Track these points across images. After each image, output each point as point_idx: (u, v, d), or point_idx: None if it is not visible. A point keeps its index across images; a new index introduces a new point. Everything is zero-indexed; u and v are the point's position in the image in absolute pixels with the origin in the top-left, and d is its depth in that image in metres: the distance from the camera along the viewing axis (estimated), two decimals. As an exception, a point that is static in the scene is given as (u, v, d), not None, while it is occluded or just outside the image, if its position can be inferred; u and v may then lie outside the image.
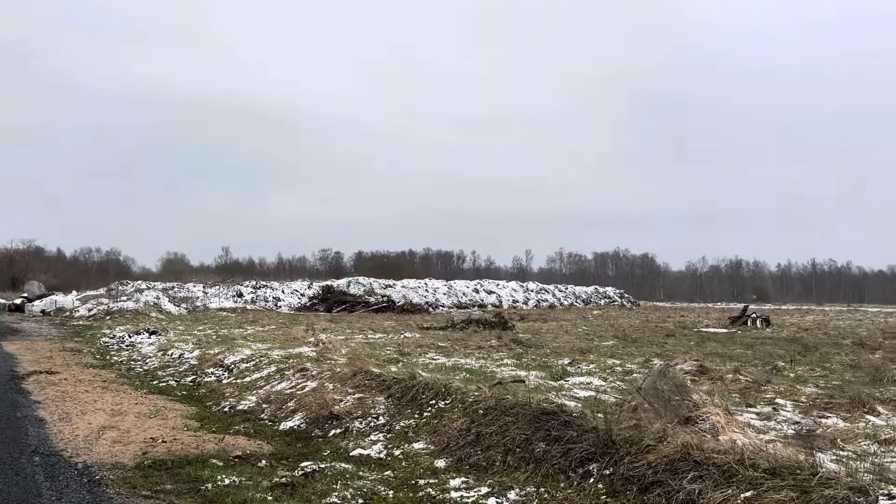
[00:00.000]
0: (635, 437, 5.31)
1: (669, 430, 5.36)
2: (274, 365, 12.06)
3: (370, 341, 17.91)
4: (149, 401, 10.07)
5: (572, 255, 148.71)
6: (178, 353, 16.06)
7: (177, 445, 7.12)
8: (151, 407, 9.47)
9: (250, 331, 21.98)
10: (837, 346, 17.77)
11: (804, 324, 33.69)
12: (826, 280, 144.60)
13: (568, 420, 5.90)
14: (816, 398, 8.83)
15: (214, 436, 7.68)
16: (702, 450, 4.76)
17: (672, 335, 22.71)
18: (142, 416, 8.75)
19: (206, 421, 8.73)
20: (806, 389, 9.65)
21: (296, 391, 9.77)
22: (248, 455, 6.84)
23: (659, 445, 5.06)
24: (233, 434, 7.91)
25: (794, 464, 4.31)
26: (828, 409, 8.10)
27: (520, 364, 12.69)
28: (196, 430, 8.09)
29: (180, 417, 8.85)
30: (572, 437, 5.63)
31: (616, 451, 5.22)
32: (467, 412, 7.02)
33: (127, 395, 10.59)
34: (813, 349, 16.39)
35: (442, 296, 57.08)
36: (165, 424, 8.26)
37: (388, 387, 8.69)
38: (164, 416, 8.83)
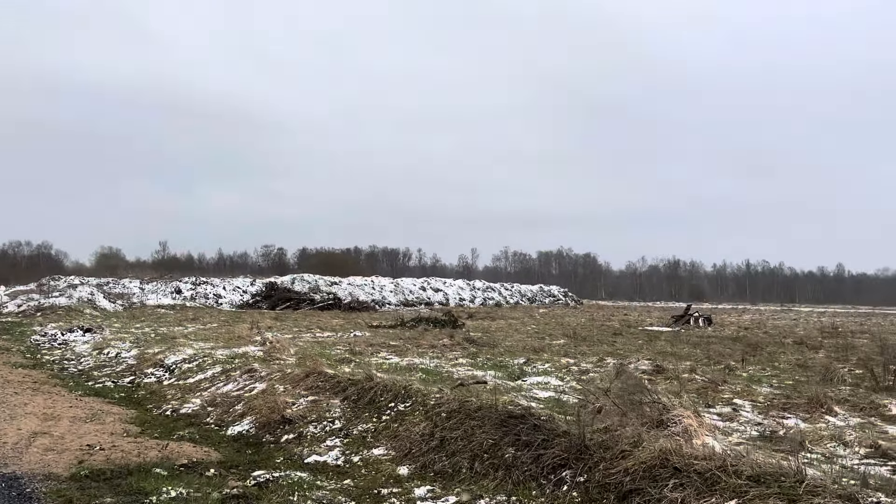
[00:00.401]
0: (609, 442, 5.11)
1: (644, 434, 5.18)
2: (219, 365, 11.52)
3: (319, 340, 17.43)
4: (84, 404, 9.44)
5: (517, 254, 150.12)
6: (115, 352, 15.28)
7: (116, 453, 6.61)
8: (87, 410, 8.86)
9: (191, 329, 21.19)
10: (780, 346, 18.17)
11: (743, 323, 34.59)
12: (759, 280, 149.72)
13: (537, 424, 5.67)
14: (773, 398, 8.86)
15: (157, 442, 7.18)
16: (681, 456, 4.58)
17: (619, 334, 22.90)
18: (77, 420, 8.16)
19: (147, 425, 8.20)
20: (761, 389, 9.70)
21: (244, 393, 9.30)
22: (194, 463, 6.39)
23: (635, 451, 4.87)
24: (177, 440, 7.43)
25: (778, 470, 4.16)
26: (786, 409, 8.12)
27: (475, 364, 12.46)
28: (137, 435, 7.57)
29: (119, 422, 8.29)
30: (543, 441, 5.40)
31: (590, 457, 5.01)
32: (429, 415, 6.73)
33: (60, 397, 9.92)
34: (759, 348, 16.68)
35: (389, 293, 56.67)
36: (103, 429, 7.71)
37: (343, 389, 8.33)
38: (102, 420, 8.26)
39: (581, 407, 7.52)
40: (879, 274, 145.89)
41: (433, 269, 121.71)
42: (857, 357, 14.91)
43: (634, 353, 14.90)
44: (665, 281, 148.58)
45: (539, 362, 12.69)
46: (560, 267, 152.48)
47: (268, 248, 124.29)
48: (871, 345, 19.46)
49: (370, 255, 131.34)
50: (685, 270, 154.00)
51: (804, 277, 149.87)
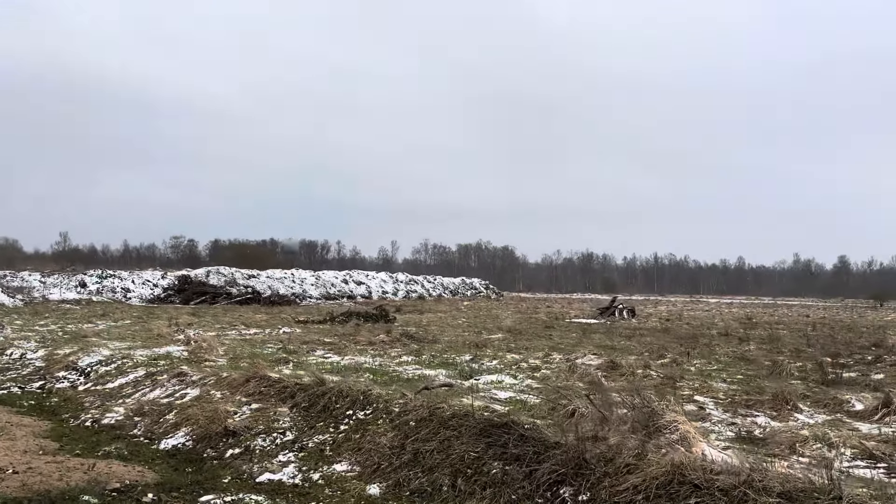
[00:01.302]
0: (608, 454, 4.67)
1: (635, 443, 4.78)
2: (141, 368, 10.50)
3: (245, 338, 16.43)
4: (-13, 416, 8.31)
5: (437, 247, 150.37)
6: (20, 352, 13.85)
7: (33, 477, 5.69)
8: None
9: (102, 326, 19.66)
10: (709, 338, 18.49)
11: (661, 314, 35.49)
12: (666, 272, 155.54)
13: (524, 434, 5.18)
14: (734, 395, 8.72)
15: (80, 461, 6.27)
16: (697, 469, 4.19)
17: (551, 327, 22.86)
18: (-20, 437, 7.11)
19: (65, 440, 7.23)
20: (717, 385, 9.59)
21: (175, 401, 8.40)
22: (128, 487, 5.56)
23: (640, 464, 4.46)
24: (103, 457, 6.53)
25: (809, 486, 3.82)
26: (750, 406, 7.97)
27: (420, 361, 11.90)
28: (55, 452, 6.61)
29: (32, 436, 7.28)
30: (534, 454, 4.91)
31: (591, 472, 4.56)
32: (396, 425, 6.13)
33: (-43, 408, 8.72)
34: (693, 341, 16.87)
35: (310, 286, 55.30)
36: (14, 447, 6.71)
37: (291, 395, 7.60)
38: (11, 434, 7.23)
39: (550, 410, 7.11)
40: (777, 266, 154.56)
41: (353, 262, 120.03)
42: (787, 349, 15.25)
43: (575, 347, 14.72)
44: (579, 273, 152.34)
45: (486, 359, 12.26)
46: (479, 259, 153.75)
47: (177, 240, 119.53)
48: (792, 335, 20.14)
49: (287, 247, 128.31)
50: (598, 263, 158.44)
51: (708, 270, 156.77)
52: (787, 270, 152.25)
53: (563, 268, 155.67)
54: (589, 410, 6.55)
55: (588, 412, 6.50)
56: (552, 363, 11.92)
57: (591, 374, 10.06)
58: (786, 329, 23.54)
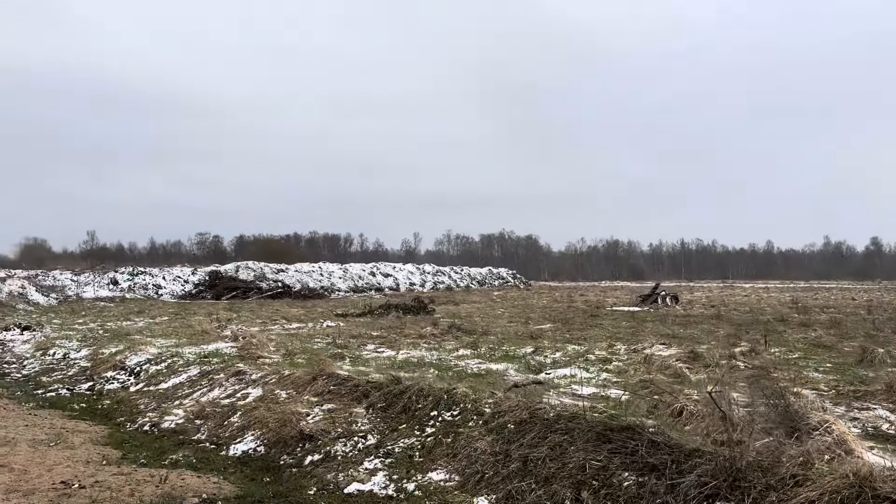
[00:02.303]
0: (763, 463, 4.04)
1: (803, 450, 4.14)
2: (194, 367, 10.03)
3: (291, 333, 15.96)
4: (41, 420, 7.88)
5: (459, 237, 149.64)
6: (62, 352, 13.51)
7: (102, 492, 5.19)
8: (48, 429, 7.33)
9: (141, 324, 19.33)
10: (764, 323, 17.70)
11: (701, 300, 34.54)
12: (693, 258, 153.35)
13: (654, 439, 4.56)
14: (836, 386, 8.03)
15: (149, 472, 5.77)
16: (887, 481, 3.55)
17: (596, 316, 22.18)
18: (38, 444, 6.64)
19: (126, 447, 6.75)
20: (811, 375, 8.89)
21: (237, 401, 7.91)
22: (206, 502, 5.04)
23: (809, 474, 3.82)
24: (171, 466, 6.03)
25: None
26: (862, 398, 7.28)
27: (480, 355, 11.32)
28: (119, 462, 6.13)
29: (91, 444, 6.82)
30: (671, 463, 4.30)
31: (749, 485, 3.93)
32: (492, 428, 5.55)
33: (9, 412, 8.30)
34: (751, 327, 16.10)
35: (338, 279, 55.06)
36: (74, 456, 6.24)
37: (364, 394, 7.05)
38: (69, 442, 6.76)
39: (652, 408, 6.49)
40: (806, 249, 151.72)
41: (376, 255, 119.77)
42: (857, 334, 14.45)
43: (635, 336, 14.05)
44: (604, 261, 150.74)
45: (547, 351, 11.65)
46: (503, 249, 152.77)
47: (203, 236, 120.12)
48: (851, 319, 19.26)
49: (311, 241, 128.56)
50: (623, 250, 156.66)
51: (736, 254, 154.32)
52: (818, 253, 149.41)
53: (588, 256, 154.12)
54: (699, 409, 5.93)
55: (698, 411, 5.88)
56: (619, 354, 11.28)
57: (671, 366, 9.40)
58: (838, 313, 22.60)
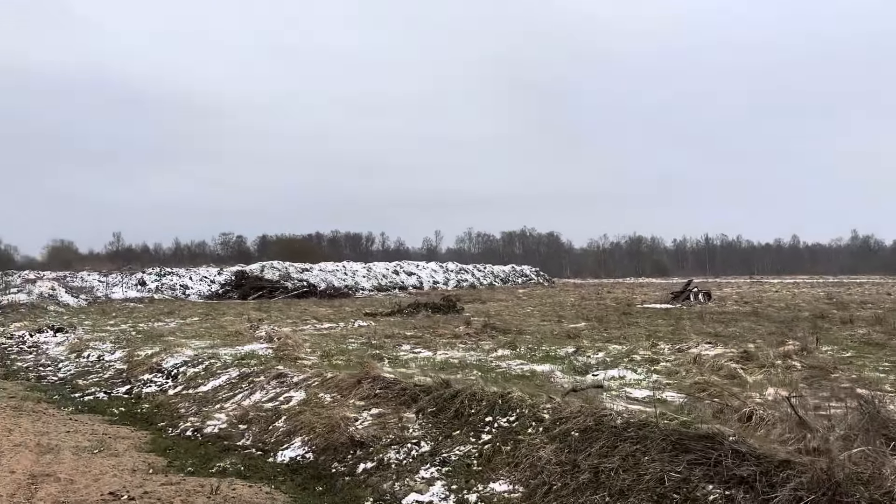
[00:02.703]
0: (868, 475, 3.74)
1: None
2: (233, 369, 9.87)
3: (323, 333, 15.81)
4: (82, 425, 7.75)
5: (480, 235, 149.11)
6: (97, 354, 13.46)
7: (152, 503, 5.01)
8: (90, 435, 7.19)
9: (172, 325, 19.32)
10: (804, 320, 17.22)
11: (733, 296, 33.92)
12: (718, 253, 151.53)
13: (738, 448, 4.27)
14: (905, 387, 7.65)
15: (198, 481, 5.59)
16: None
17: (629, 313, 21.79)
18: (82, 451, 6.50)
19: (171, 454, 6.58)
20: (873, 375, 8.51)
21: (280, 405, 7.72)
22: (260, 512, 4.84)
23: (919, 489, 3.51)
24: (219, 474, 5.85)
25: None
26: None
27: (520, 355, 11.06)
28: (165, 471, 5.95)
29: (135, 450, 6.66)
30: (760, 475, 4.01)
31: (850, 499, 3.63)
32: (554, 435, 5.29)
33: (49, 417, 8.20)
34: (793, 325, 15.65)
35: (361, 278, 55.06)
36: (120, 464, 6.07)
37: (412, 398, 6.82)
38: (113, 449, 6.61)
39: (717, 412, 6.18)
40: (833, 244, 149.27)
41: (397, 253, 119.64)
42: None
43: (676, 335, 13.70)
44: (627, 257, 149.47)
45: (589, 351, 11.35)
46: (524, 246, 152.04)
47: (226, 236, 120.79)
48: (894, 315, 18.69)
49: (332, 240, 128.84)
50: (646, 246, 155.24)
51: (761, 249, 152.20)
52: (845, 247, 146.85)
53: (611, 252, 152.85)
54: (769, 413, 5.62)
55: (769, 415, 5.57)
56: (665, 354, 10.95)
57: (723, 367, 9.07)
58: (878, 308, 21.99)
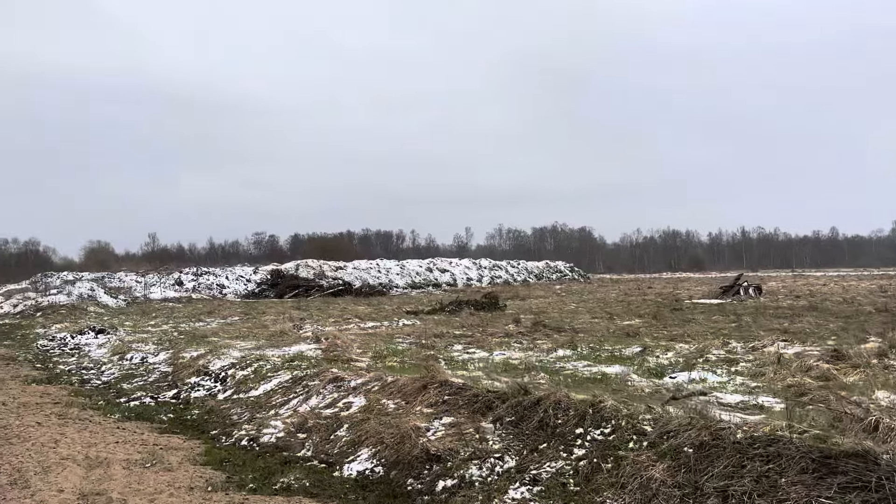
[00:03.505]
0: None
1: None
2: (284, 372, 9.39)
3: (368, 332, 15.32)
4: (130, 434, 7.31)
5: (511, 231, 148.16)
6: (140, 356, 13.14)
7: (216, 528, 4.50)
8: (140, 446, 6.74)
9: (214, 325, 19.01)
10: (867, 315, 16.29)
11: (782, 290, 32.75)
12: (754, 247, 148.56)
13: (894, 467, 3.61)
14: None
15: (262, 499, 5.08)
16: None
17: (680, 309, 20.99)
18: (134, 465, 6.04)
19: (228, 467, 6.08)
20: None
21: (340, 412, 7.20)
22: (337, 539, 4.30)
23: None
24: (284, 492, 5.33)
25: None
26: None
27: (583, 355, 10.41)
28: (226, 488, 5.45)
29: (189, 463, 6.18)
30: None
31: None
32: (662, 452, 4.66)
33: (96, 425, 7.78)
34: (862, 319, 14.76)
35: (395, 276, 54.77)
36: (175, 481, 5.59)
37: (487, 406, 6.24)
38: (167, 462, 6.14)
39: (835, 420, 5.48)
40: (873, 235, 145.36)
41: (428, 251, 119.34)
42: None
43: (741, 332, 12.94)
44: (662, 252, 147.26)
45: (657, 350, 10.67)
46: (555, 242, 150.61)
47: (259, 236, 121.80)
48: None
49: (364, 238, 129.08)
50: (681, 240, 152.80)
51: (799, 242, 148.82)
52: (885, 239, 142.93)
53: (645, 247, 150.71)
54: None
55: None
56: (738, 354, 10.22)
57: (812, 367, 8.33)
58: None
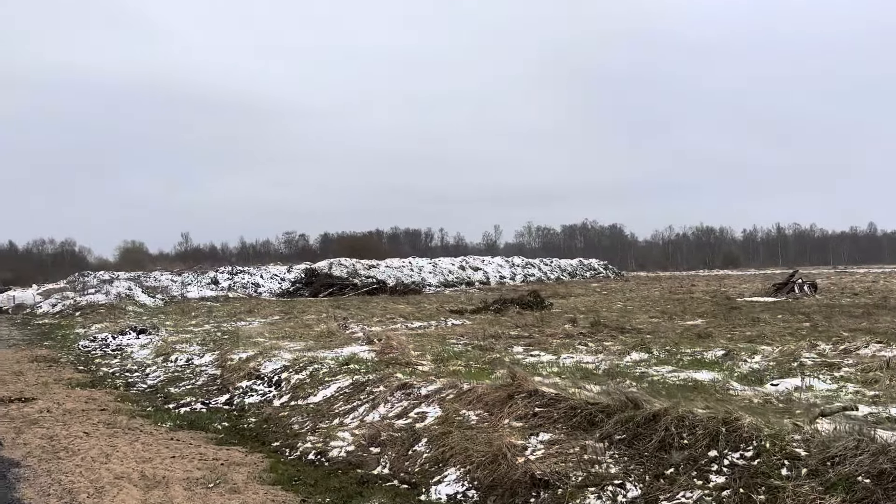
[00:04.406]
0: None
1: None
2: (343, 377, 8.72)
3: (417, 332, 14.65)
4: (186, 446, 6.70)
5: (540, 229, 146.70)
6: (185, 358, 12.61)
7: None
8: (199, 461, 6.11)
9: (256, 324, 18.50)
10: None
11: (836, 288, 31.39)
12: (790, 243, 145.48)
13: None
14: None
15: (348, 531, 4.40)
16: None
17: (736, 307, 20.04)
18: (195, 485, 5.41)
19: (301, 488, 5.41)
20: None
21: (415, 424, 6.50)
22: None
23: None
24: (369, 520, 4.65)
25: None
26: None
27: (661, 360, 9.61)
28: (302, 514, 4.79)
29: (256, 482, 5.53)
30: None
31: None
32: (829, 483, 3.88)
33: (148, 436, 7.19)
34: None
35: (427, 274, 54.28)
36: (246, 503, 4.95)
37: (588, 420, 5.49)
38: (231, 481, 5.49)
39: None
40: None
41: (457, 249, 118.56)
42: None
43: (824, 333, 12.01)
44: (695, 249, 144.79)
45: (742, 354, 9.82)
46: (585, 240, 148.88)
47: (289, 235, 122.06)
48: None
49: (392, 236, 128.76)
50: (715, 237, 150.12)
51: (836, 238, 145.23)
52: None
53: (677, 244, 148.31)
54: None
55: None
56: (829, 356, 9.35)
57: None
58: None
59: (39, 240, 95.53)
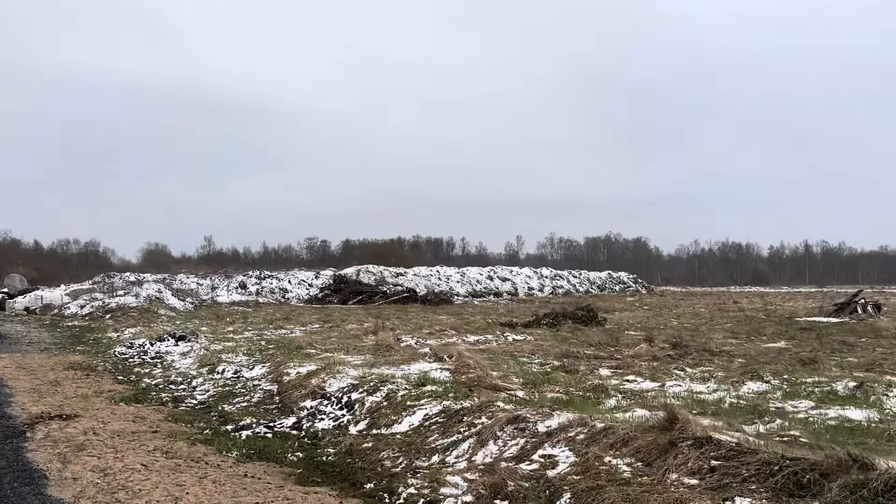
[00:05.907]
0: None
1: None
2: (430, 402, 7.58)
3: (476, 347, 13.52)
4: (264, 486, 5.59)
5: (563, 241, 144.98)
6: (232, 369, 11.60)
7: None
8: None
9: (297, 333, 17.47)
10: None
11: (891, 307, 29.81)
12: (819, 261, 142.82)
13: None
14: None
15: None
16: None
17: (808, 329, 18.70)
18: (294, 547, 4.30)
19: (424, 555, 4.29)
20: None
21: (543, 471, 5.35)
22: None
23: None
24: None
25: None
26: None
27: (787, 392, 8.39)
28: None
29: (366, 545, 4.41)
30: None
31: None
32: None
33: (214, 469, 6.10)
34: None
35: (455, 284, 53.24)
36: (366, 581, 3.82)
37: (795, 483, 4.31)
38: (337, 544, 4.38)
39: None
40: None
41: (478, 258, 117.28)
42: None
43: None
44: (721, 264, 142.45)
45: (877, 385, 8.57)
46: (609, 252, 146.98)
47: (311, 241, 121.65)
48: None
49: (414, 245, 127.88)
50: (741, 253, 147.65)
51: (867, 256, 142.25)
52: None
53: (703, 259, 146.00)
54: None
55: None
56: None
57: None
58: None
59: (64, 240, 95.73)
